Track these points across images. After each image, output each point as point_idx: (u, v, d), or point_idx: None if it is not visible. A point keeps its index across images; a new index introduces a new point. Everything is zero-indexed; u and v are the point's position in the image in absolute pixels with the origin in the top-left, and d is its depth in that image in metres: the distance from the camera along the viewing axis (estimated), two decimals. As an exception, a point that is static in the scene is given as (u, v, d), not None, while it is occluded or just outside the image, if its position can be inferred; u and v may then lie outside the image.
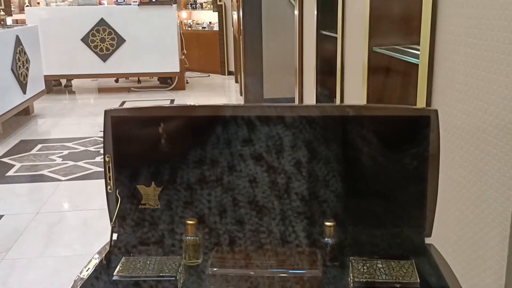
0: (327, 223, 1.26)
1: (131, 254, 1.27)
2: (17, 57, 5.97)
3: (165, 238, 1.30)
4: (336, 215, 1.29)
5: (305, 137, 1.28)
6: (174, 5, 8.08)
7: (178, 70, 8.21)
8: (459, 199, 1.56)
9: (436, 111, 1.26)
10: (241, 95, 7.50)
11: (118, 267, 1.19)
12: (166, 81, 8.74)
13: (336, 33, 2.96)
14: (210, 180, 1.28)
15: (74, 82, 8.92)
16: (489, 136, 1.39)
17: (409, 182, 1.29)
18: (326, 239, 1.26)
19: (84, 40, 7.97)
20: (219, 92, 8.56)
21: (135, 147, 1.32)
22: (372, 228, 1.30)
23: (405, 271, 1.18)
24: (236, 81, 8.83)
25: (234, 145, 1.26)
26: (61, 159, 4.85)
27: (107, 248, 1.26)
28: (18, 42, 6.05)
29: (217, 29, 10.13)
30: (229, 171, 1.27)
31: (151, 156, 1.31)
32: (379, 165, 1.31)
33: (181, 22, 9.40)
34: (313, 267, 1.19)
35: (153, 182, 1.31)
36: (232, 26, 9.01)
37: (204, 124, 1.29)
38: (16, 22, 8.98)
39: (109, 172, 1.29)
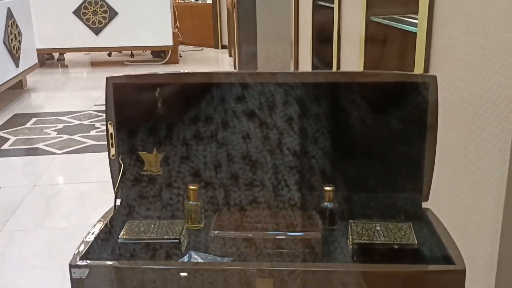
0: (327, 188, 1.28)
1: (135, 219, 1.29)
2: (9, 30, 5.90)
3: (167, 203, 1.32)
4: (335, 180, 1.31)
5: (304, 105, 1.29)
6: (167, -23, 7.98)
7: (171, 44, 8.14)
8: (455, 165, 1.59)
9: (435, 77, 1.27)
10: (234, 69, 7.47)
11: (123, 230, 1.21)
12: (159, 55, 8.67)
13: (333, 3, 2.95)
14: (212, 144, 1.29)
15: (67, 56, 8.83)
16: (487, 102, 1.41)
17: (407, 148, 1.31)
18: (326, 203, 1.29)
19: (76, 13, 7.87)
20: (212, 66, 8.51)
21: (137, 113, 1.33)
22: (370, 192, 1.33)
23: (403, 233, 1.20)
24: (230, 55, 8.79)
25: (234, 110, 1.27)
26: (56, 132, 4.84)
27: (111, 213, 1.27)
28: (9, 14, 5.97)
29: (210, 1, 10.02)
30: (228, 132, 1.29)
31: (153, 122, 1.32)
32: (378, 130, 1.33)
33: (174, -6, 9.29)
34: (312, 230, 1.21)
35: (154, 149, 1.32)
36: (226, -1, 8.93)
37: (206, 91, 1.30)
38: (6, -6, 8.83)
39: (111, 138, 1.31)
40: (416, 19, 1.83)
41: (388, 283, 1.07)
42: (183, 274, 1.05)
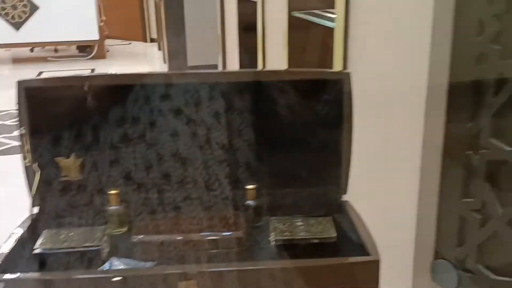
0: (248, 186, 1.30)
1: (53, 227, 1.26)
2: None
3: (87, 208, 1.30)
4: (257, 177, 1.33)
5: (225, 105, 1.30)
6: (90, -31, 7.73)
7: (97, 38, 7.92)
8: (372, 158, 1.65)
9: (348, 73, 1.31)
10: (164, 63, 7.37)
11: (41, 239, 1.18)
12: (85, 49, 8.41)
13: (256, -2, 2.96)
14: (131, 145, 1.28)
15: (-14, 53, 8.40)
16: (400, 93, 1.47)
17: (325, 143, 1.35)
18: (248, 201, 1.30)
19: (-6, 7, 7.50)
20: (141, 60, 8.35)
21: (51, 118, 1.28)
22: (292, 188, 1.36)
23: (323, 227, 1.24)
24: (159, 49, 8.65)
25: (152, 111, 1.26)
26: (-24, 134, 4.61)
27: (29, 221, 1.23)
28: None
29: (137, -6, 9.82)
30: (148, 133, 1.28)
31: (69, 126, 1.28)
32: (297, 127, 1.36)
33: (98, -13, 9.01)
34: (235, 229, 1.23)
35: (73, 153, 1.29)
36: (153, -9, 8.76)
37: (120, 93, 1.28)
38: None
39: (26, 144, 1.26)
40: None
41: (308, 277, 1.10)
42: (105, 281, 1.03)
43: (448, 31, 1.26)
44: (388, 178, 1.56)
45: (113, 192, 1.25)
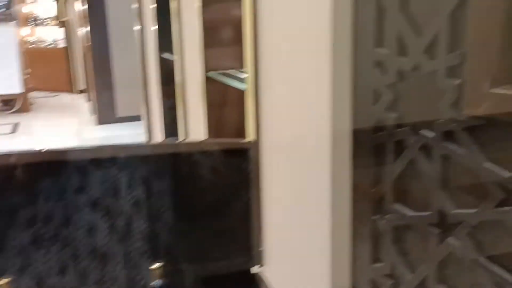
0: (154, 266, 1.24)
1: None
2: None
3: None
4: (163, 255, 1.27)
5: (123, 181, 1.26)
6: (13, 22, 7.55)
7: (21, 91, 7.67)
8: (286, 224, 1.63)
9: (256, 142, 1.30)
10: (92, 115, 7.22)
11: None
12: (9, 102, 8.10)
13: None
14: (21, 231, 1.20)
15: None
16: (306, 160, 1.47)
17: (235, 214, 1.32)
18: (154, 282, 1.24)
19: None
20: (68, 113, 8.12)
21: None
22: (202, 262, 1.31)
23: (232, 305, 1.20)
24: (89, 100, 8.48)
25: (47, 198, 1.19)
26: None
27: None
28: None
29: (63, 45, 9.65)
30: (42, 219, 1.20)
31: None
32: (205, 200, 1.33)
33: (22, 39, 8.80)
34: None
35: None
36: (80, 43, 8.65)
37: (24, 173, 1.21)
38: None
39: None
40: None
41: None
42: None
43: (346, 101, 1.28)
44: (301, 245, 1.55)
45: (3, 281, 1.16)
